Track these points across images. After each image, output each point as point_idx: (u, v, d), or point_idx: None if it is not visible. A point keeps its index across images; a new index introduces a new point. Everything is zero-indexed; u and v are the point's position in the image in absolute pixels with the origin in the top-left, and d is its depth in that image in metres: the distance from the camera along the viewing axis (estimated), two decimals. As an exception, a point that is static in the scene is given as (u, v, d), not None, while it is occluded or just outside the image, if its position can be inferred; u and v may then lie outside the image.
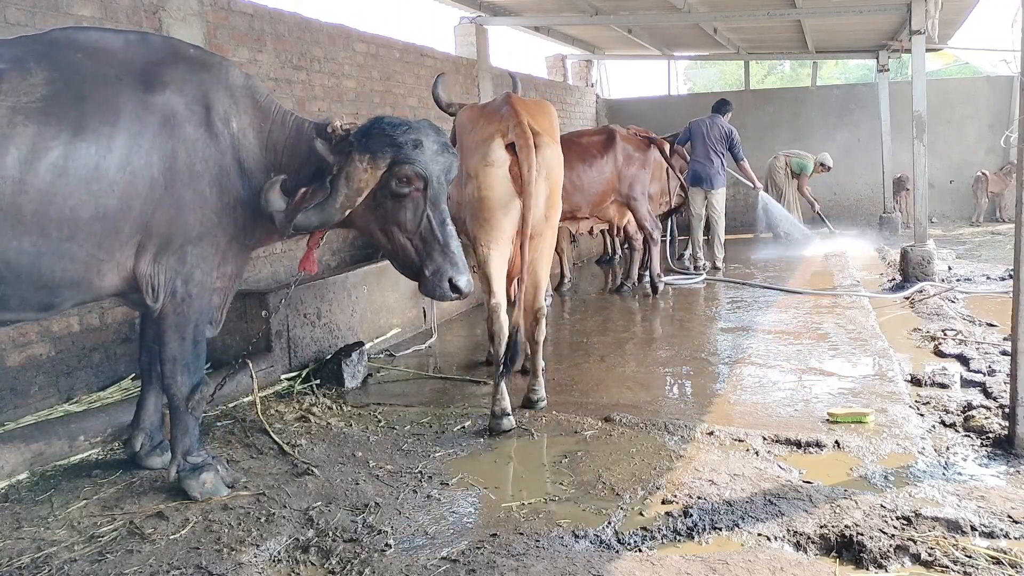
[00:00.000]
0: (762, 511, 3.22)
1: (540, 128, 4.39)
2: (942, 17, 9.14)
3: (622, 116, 14.48)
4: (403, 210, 3.49)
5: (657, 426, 4.26)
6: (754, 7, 10.10)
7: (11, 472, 3.74)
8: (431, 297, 3.65)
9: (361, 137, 3.37)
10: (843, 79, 27.27)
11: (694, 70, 31.61)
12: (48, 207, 2.92)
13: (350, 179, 3.36)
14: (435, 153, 3.47)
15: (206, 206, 3.34)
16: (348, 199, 3.38)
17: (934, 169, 12.24)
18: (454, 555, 2.96)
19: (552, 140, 4.47)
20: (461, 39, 10.81)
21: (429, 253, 3.53)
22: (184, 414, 3.50)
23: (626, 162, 7.97)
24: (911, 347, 5.98)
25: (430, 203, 3.49)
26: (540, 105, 4.77)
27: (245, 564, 2.94)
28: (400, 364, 5.88)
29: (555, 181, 4.47)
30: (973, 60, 21.16)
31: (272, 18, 6.63)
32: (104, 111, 3.05)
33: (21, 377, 4.47)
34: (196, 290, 3.39)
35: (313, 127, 3.57)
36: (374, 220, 3.56)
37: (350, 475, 3.74)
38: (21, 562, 2.99)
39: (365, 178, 3.36)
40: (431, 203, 3.50)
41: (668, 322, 7.22)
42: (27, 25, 4.50)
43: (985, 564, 2.78)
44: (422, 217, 3.50)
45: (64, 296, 3.14)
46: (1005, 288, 7.63)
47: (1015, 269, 3.76)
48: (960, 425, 4.18)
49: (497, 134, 4.30)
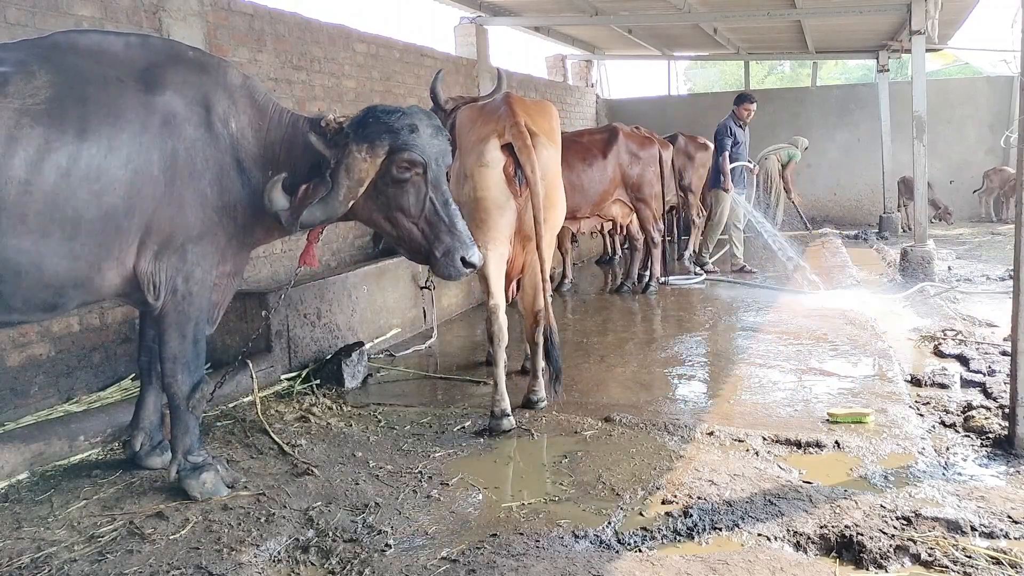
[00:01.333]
0: (762, 511, 3.23)
1: (539, 129, 4.37)
2: (942, 17, 9.15)
3: (622, 116, 14.49)
4: (406, 195, 3.50)
5: (657, 426, 4.26)
6: (754, 7, 10.11)
7: (11, 472, 3.74)
8: (445, 278, 3.67)
9: (357, 127, 3.38)
10: (843, 79, 27.27)
11: (694, 70, 31.63)
12: (53, 207, 2.95)
13: (350, 170, 3.36)
14: (431, 136, 3.49)
15: (206, 205, 3.36)
16: (350, 191, 3.39)
17: (934, 169, 12.25)
18: (454, 555, 2.96)
19: (550, 141, 4.45)
20: (461, 39, 10.82)
21: (436, 235, 3.55)
22: (185, 413, 3.51)
23: (630, 161, 7.95)
24: (911, 347, 5.99)
25: (431, 186, 3.50)
26: (540, 106, 4.75)
27: (245, 564, 2.94)
28: (400, 364, 5.88)
29: (552, 183, 4.45)
30: (973, 60, 21.19)
31: (272, 18, 6.63)
32: (106, 112, 3.09)
33: (21, 377, 4.47)
34: (197, 288, 3.41)
35: (307, 123, 3.58)
36: (377, 209, 3.56)
37: (350, 475, 3.74)
38: (21, 562, 2.99)
39: (365, 168, 3.37)
40: (432, 186, 3.51)
41: (668, 322, 7.22)
42: (27, 25, 4.50)
43: (985, 564, 2.78)
44: (425, 200, 3.51)
45: (69, 296, 3.16)
46: (1005, 288, 7.63)
47: (1015, 269, 3.76)
48: (960, 425, 4.18)
49: (494, 135, 4.28)
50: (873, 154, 13.85)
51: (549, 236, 4.48)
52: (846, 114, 14.97)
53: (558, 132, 4.72)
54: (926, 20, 8.60)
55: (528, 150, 4.18)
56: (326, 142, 3.41)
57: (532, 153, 4.18)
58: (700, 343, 6.23)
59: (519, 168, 4.23)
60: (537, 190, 4.19)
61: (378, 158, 3.38)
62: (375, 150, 3.36)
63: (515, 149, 4.22)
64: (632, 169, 7.96)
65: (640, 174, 8.00)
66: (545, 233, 4.32)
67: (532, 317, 4.57)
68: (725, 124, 9.32)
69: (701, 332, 6.64)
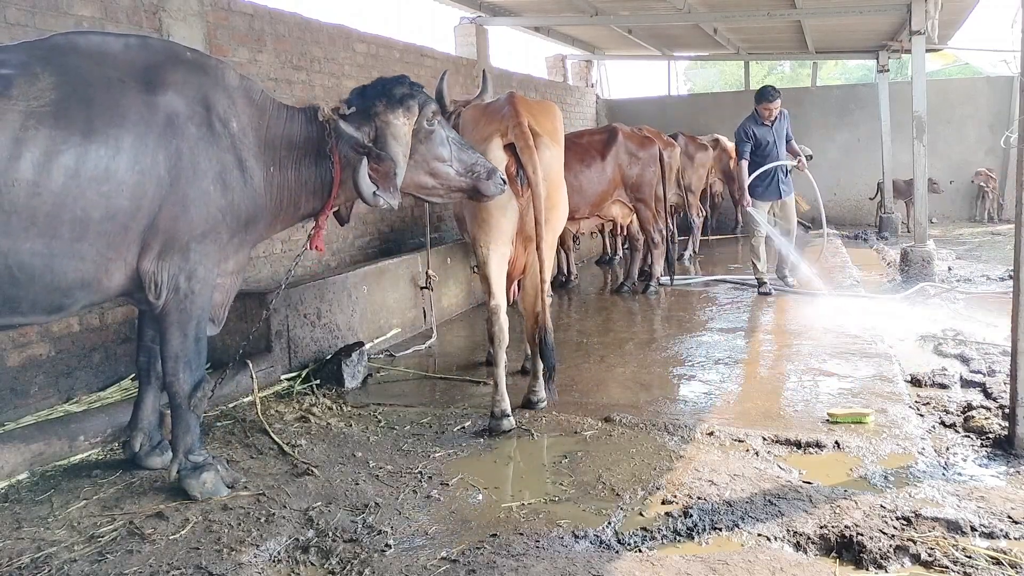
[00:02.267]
0: (762, 511, 3.23)
1: (542, 130, 4.37)
2: (942, 17, 9.14)
3: (622, 116, 14.49)
4: (435, 144, 3.88)
5: (657, 426, 4.26)
6: (754, 7, 10.10)
7: (11, 472, 3.74)
8: (493, 196, 4.02)
9: (383, 98, 3.69)
10: (843, 79, 27.28)
11: (694, 70, 31.63)
12: (61, 208, 2.95)
13: (397, 135, 3.68)
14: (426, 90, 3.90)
15: (210, 203, 3.38)
16: (403, 153, 3.72)
17: (934, 169, 12.24)
18: (454, 555, 2.96)
19: (553, 142, 4.46)
20: (461, 39, 10.81)
21: (470, 167, 3.95)
22: (186, 412, 3.51)
23: (630, 162, 7.94)
24: (911, 347, 5.98)
25: (447, 129, 3.94)
26: (544, 106, 4.75)
27: (245, 564, 2.94)
28: (400, 364, 5.88)
29: (554, 183, 4.45)
30: (973, 60, 21.20)
31: (272, 18, 6.63)
32: (111, 113, 3.10)
33: (21, 377, 4.47)
34: (199, 286, 3.42)
35: (302, 113, 3.76)
36: (417, 166, 3.86)
37: (350, 475, 3.74)
38: (21, 562, 2.99)
39: (407, 130, 3.72)
40: (446, 128, 3.94)
41: (668, 322, 7.21)
42: (27, 25, 4.50)
43: (985, 564, 2.78)
44: (449, 142, 3.92)
45: (75, 297, 3.17)
46: (1005, 288, 7.62)
47: (1015, 269, 3.76)
48: (960, 425, 4.18)
49: (496, 134, 4.29)
50: (873, 154, 13.84)
51: (551, 237, 4.49)
52: (846, 114, 14.96)
53: (561, 132, 4.72)
54: (926, 20, 8.60)
55: (530, 150, 4.19)
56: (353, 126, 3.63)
57: (534, 154, 4.19)
58: (700, 343, 6.23)
59: (521, 168, 4.23)
60: (539, 191, 4.19)
61: (413, 116, 3.72)
62: (410, 111, 3.71)
63: (517, 149, 4.23)
64: (631, 169, 7.95)
65: (639, 174, 7.99)
66: (546, 234, 4.32)
67: (533, 318, 4.57)
68: (742, 126, 8.15)
69: (701, 332, 6.64)
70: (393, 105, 3.66)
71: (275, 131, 3.64)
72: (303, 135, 3.68)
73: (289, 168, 3.67)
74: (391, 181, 3.64)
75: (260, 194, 3.58)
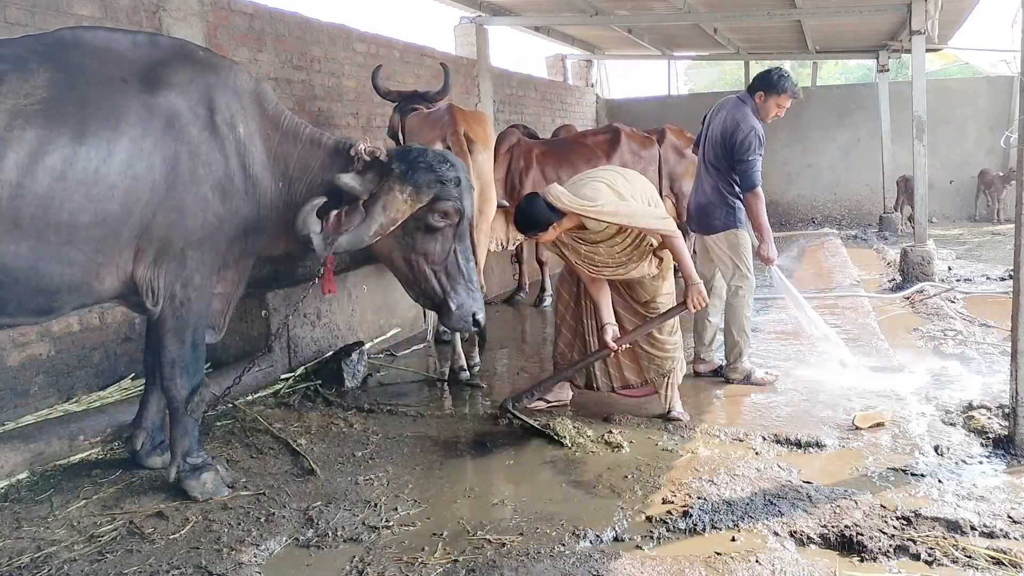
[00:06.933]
0: (762, 511, 3.23)
1: (475, 136, 5.17)
2: (942, 17, 9.14)
3: (622, 116, 14.46)
4: (433, 242, 3.57)
5: (657, 426, 4.26)
6: (754, 7, 10.09)
7: (11, 472, 3.74)
8: (454, 331, 3.96)
9: (405, 168, 3.40)
10: (843, 79, 27.26)
11: (694, 70, 31.60)
12: (47, 212, 2.88)
13: (387, 208, 3.39)
14: (468, 190, 3.58)
15: (208, 210, 3.28)
16: (383, 227, 3.42)
17: (934, 169, 12.22)
18: (454, 555, 2.96)
19: (484, 147, 5.26)
20: (461, 39, 10.81)
21: (454, 287, 3.63)
22: (183, 416, 3.49)
23: (633, 162, 7.92)
24: (911, 347, 5.98)
25: (459, 238, 3.61)
26: (477, 116, 5.61)
27: (245, 564, 2.94)
28: (400, 364, 5.88)
29: (486, 181, 5.22)
30: (973, 60, 21.19)
31: (272, 18, 6.63)
32: (107, 114, 3.01)
33: (21, 377, 4.47)
34: (196, 294, 3.36)
35: (333, 144, 3.53)
36: (399, 248, 3.60)
37: (350, 475, 3.74)
38: (21, 562, 2.99)
39: (404, 209, 3.41)
40: (459, 238, 3.61)
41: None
42: (28, 25, 4.49)
43: (985, 564, 2.78)
44: (450, 251, 3.60)
45: (63, 300, 3.11)
46: (1005, 288, 7.62)
47: (1015, 269, 3.76)
48: (960, 425, 4.18)
49: (437, 139, 5.07)
50: (873, 154, 13.83)
51: (484, 225, 5.29)
52: (846, 114, 14.95)
53: (492, 139, 5.56)
54: (926, 20, 8.58)
55: (464, 155, 4.92)
56: (360, 178, 3.38)
57: (467, 157, 4.95)
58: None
59: None
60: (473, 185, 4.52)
61: (420, 203, 3.42)
62: (420, 196, 3.41)
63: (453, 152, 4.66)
64: (634, 168, 7.93)
65: (642, 173, 7.97)
66: (480, 223, 5.10)
67: None
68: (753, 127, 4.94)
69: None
70: (407, 180, 3.38)
71: (288, 148, 3.48)
72: (323, 161, 3.48)
73: (300, 190, 3.49)
74: (338, 235, 3.36)
75: (265, 206, 3.47)
